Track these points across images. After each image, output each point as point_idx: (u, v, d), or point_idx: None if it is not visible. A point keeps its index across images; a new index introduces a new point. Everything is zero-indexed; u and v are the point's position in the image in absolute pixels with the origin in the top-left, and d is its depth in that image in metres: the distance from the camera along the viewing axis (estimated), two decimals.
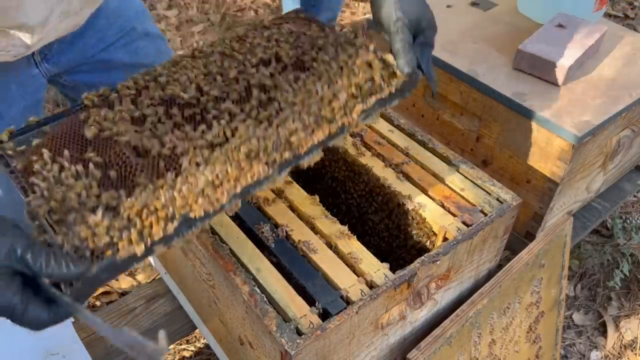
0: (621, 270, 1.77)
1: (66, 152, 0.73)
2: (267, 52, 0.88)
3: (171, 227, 0.67)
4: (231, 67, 0.86)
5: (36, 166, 0.71)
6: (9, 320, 0.59)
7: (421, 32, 0.86)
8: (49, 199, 0.67)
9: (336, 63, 0.86)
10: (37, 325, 0.58)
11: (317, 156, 0.79)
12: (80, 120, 0.78)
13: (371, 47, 0.88)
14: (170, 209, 0.68)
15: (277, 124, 0.78)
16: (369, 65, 0.86)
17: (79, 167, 0.71)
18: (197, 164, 0.72)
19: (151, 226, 0.66)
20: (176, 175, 0.71)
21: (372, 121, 0.87)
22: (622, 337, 1.69)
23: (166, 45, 1.24)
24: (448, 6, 1.48)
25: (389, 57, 0.86)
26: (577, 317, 1.74)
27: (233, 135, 0.76)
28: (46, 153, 0.72)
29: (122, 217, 0.66)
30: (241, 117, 0.78)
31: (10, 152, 0.73)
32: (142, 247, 0.64)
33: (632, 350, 1.66)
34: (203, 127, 0.77)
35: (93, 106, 0.80)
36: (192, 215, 0.69)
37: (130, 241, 0.64)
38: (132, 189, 0.70)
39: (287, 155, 0.76)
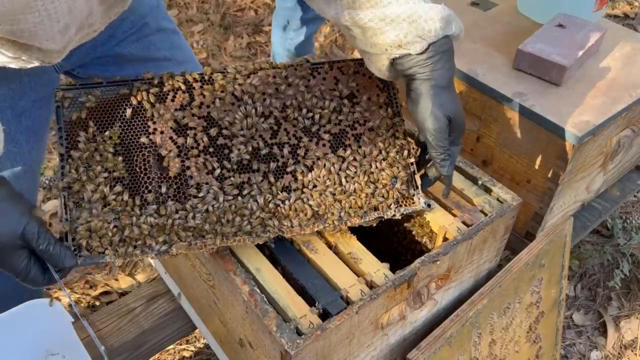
0: (621, 270, 1.77)
1: (107, 134, 0.79)
2: (322, 107, 0.88)
3: (149, 256, 0.77)
4: (278, 109, 0.86)
5: (80, 139, 0.79)
6: (9, 321, 0.65)
7: (450, 132, 0.85)
8: (76, 180, 0.77)
9: (369, 157, 0.88)
10: (35, 284, 0.75)
11: (298, 236, 0.85)
12: (129, 100, 0.82)
13: (412, 158, 0.90)
14: (157, 237, 0.77)
15: (278, 201, 0.82)
16: (395, 178, 0.88)
17: (109, 155, 0.79)
18: (198, 208, 0.80)
19: (136, 247, 0.76)
20: (176, 211, 0.79)
21: (365, 224, 0.89)
22: (622, 337, 1.69)
23: (181, 39, 1.24)
24: None
25: (417, 180, 0.90)
26: (577, 317, 1.74)
27: (242, 192, 0.82)
28: (92, 127, 0.79)
29: (119, 228, 0.76)
30: (258, 178, 0.83)
31: (66, 104, 0.80)
32: (121, 260, 0.76)
33: (632, 350, 1.66)
34: (222, 165, 0.82)
35: (147, 90, 0.82)
36: (169, 250, 0.78)
37: (115, 252, 0.76)
38: (139, 199, 0.78)
39: (272, 236, 0.82)
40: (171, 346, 1.57)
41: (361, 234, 0.91)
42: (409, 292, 0.86)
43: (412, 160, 0.90)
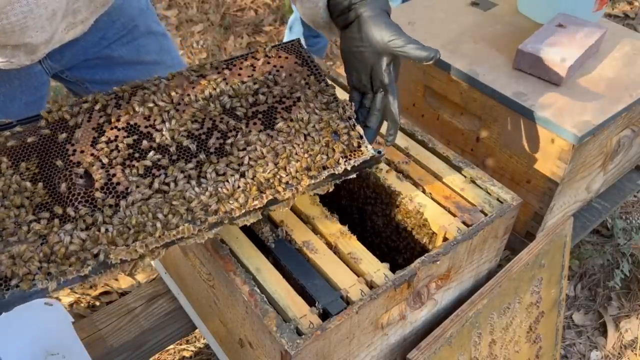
0: (621, 270, 1.77)
1: (23, 165, 0.75)
2: (243, 91, 0.87)
3: (86, 270, 0.70)
4: (198, 103, 0.85)
5: None
6: (9, 321, 0.62)
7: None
8: None
9: (304, 123, 0.86)
10: None
11: (253, 219, 0.81)
12: (43, 132, 0.78)
13: (347, 112, 0.88)
14: (91, 250, 0.72)
15: (218, 184, 0.78)
16: (336, 133, 0.86)
17: (27, 184, 0.74)
18: (130, 209, 0.75)
19: (70, 265, 0.70)
20: (109, 219, 0.74)
21: (321, 192, 0.86)
22: (622, 337, 1.69)
23: (170, 42, 1.24)
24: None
25: (359, 130, 0.87)
26: (577, 317, 1.74)
27: (177, 184, 0.78)
28: (5, 162, 0.75)
29: (46, 250, 0.70)
30: (192, 169, 0.79)
31: None
32: (55, 284, 0.69)
33: (632, 350, 1.66)
34: (148, 165, 0.78)
35: (63, 116, 0.80)
36: (108, 260, 0.72)
37: (47, 275, 0.69)
38: (66, 217, 0.73)
39: (218, 219, 0.77)
40: (171, 346, 1.57)
41: (361, 234, 0.91)
42: (409, 292, 0.86)
43: (349, 114, 0.88)
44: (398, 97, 0.87)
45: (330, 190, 0.87)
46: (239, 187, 0.79)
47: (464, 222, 0.92)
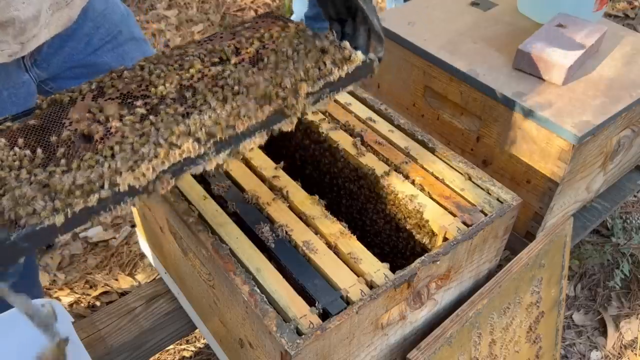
0: (621, 270, 1.77)
1: (20, 141, 0.75)
2: (224, 47, 0.88)
3: (93, 200, 0.68)
4: (187, 66, 0.86)
5: None
6: (9, 321, 0.62)
7: None
8: None
9: (289, 50, 0.87)
10: None
11: (259, 139, 0.80)
12: (37, 115, 0.79)
13: (331, 37, 0.89)
14: (96, 182, 0.70)
15: (216, 106, 0.78)
16: (323, 50, 0.86)
17: (27, 151, 0.73)
18: (126, 137, 0.74)
19: (76, 197, 0.68)
20: (111, 155, 0.73)
21: (322, 106, 0.86)
22: (622, 337, 1.69)
23: (150, 48, 1.25)
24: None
25: (346, 44, 0.87)
26: (577, 317, 1.74)
27: (175, 115, 0.77)
28: (1, 141, 0.74)
29: (49, 190, 0.68)
30: (188, 104, 0.79)
31: None
32: (62, 217, 0.66)
33: (632, 350, 1.66)
34: (147, 111, 0.78)
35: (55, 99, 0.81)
36: (115, 189, 0.70)
37: (53, 211, 0.66)
38: (69, 167, 0.72)
39: (222, 136, 0.76)
40: (171, 346, 1.57)
41: (361, 234, 0.91)
42: (409, 292, 0.86)
43: (332, 38, 0.89)
44: (376, 13, 0.87)
45: (331, 102, 0.87)
46: (237, 106, 0.79)
47: (464, 222, 0.92)
